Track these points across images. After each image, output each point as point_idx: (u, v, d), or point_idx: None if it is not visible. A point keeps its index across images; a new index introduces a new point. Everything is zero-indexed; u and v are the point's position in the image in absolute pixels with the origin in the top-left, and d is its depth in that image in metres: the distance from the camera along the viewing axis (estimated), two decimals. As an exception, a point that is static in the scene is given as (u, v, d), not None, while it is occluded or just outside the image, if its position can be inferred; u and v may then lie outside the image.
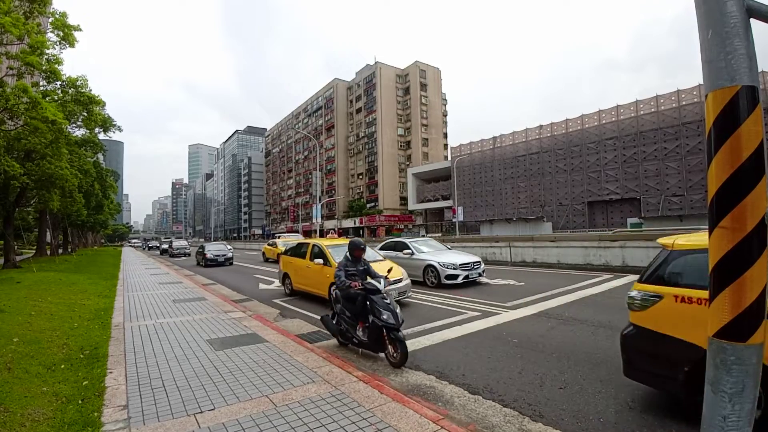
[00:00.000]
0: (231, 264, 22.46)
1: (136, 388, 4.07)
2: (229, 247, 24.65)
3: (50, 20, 16.75)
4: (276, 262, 16.65)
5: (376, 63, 72.11)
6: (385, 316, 4.76)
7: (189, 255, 33.81)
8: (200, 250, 23.85)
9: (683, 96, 34.36)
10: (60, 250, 38.21)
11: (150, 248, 61.00)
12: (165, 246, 44.18)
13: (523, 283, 9.09)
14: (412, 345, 5.71)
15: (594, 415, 3.47)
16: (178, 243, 37.95)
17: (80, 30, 17.09)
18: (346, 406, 3.51)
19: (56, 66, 17.09)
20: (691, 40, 1.45)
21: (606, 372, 4.41)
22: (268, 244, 25.62)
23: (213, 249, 22.93)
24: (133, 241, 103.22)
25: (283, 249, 14.37)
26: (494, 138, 49.55)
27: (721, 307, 1.36)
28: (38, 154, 17.36)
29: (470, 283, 10.96)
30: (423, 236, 23.79)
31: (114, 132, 24.42)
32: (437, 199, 59.37)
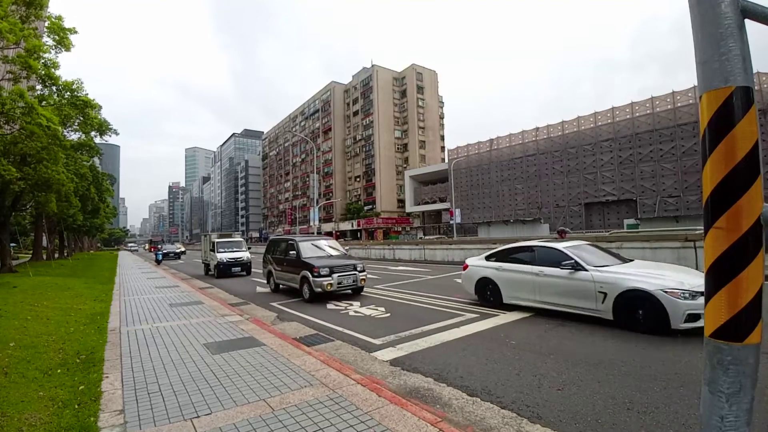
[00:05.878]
0: None
1: (133, 392, 4.04)
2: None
3: (46, 24, 16.72)
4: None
5: (372, 66, 72.30)
6: None
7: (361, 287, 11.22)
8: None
9: (678, 97, 34.61)
10: (56, 255, 38.00)
11: (166, 256, 35.57)
12: (229, 252, 18.16)
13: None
14: (409, 347, 5.71)
15: (592, 417, 3.47)
16: (317, 246, 12.00)
17: (76, 33, 17.07)
18: (344, 409, 3.50)
19: (52, 70, 17.05)
20: (691, 38, 1.47)
21: (603, 373, 4.42)
22: None
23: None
24: (130, 244, 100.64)
25: None
26: (491, 140, 49.73)
27: (718, 307, 1.36)
28: (34, 158, 17.28)
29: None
30: (421, 238, 23.75)
31: (110, 135, 24.27)
32: (435, 201, 59.46)
